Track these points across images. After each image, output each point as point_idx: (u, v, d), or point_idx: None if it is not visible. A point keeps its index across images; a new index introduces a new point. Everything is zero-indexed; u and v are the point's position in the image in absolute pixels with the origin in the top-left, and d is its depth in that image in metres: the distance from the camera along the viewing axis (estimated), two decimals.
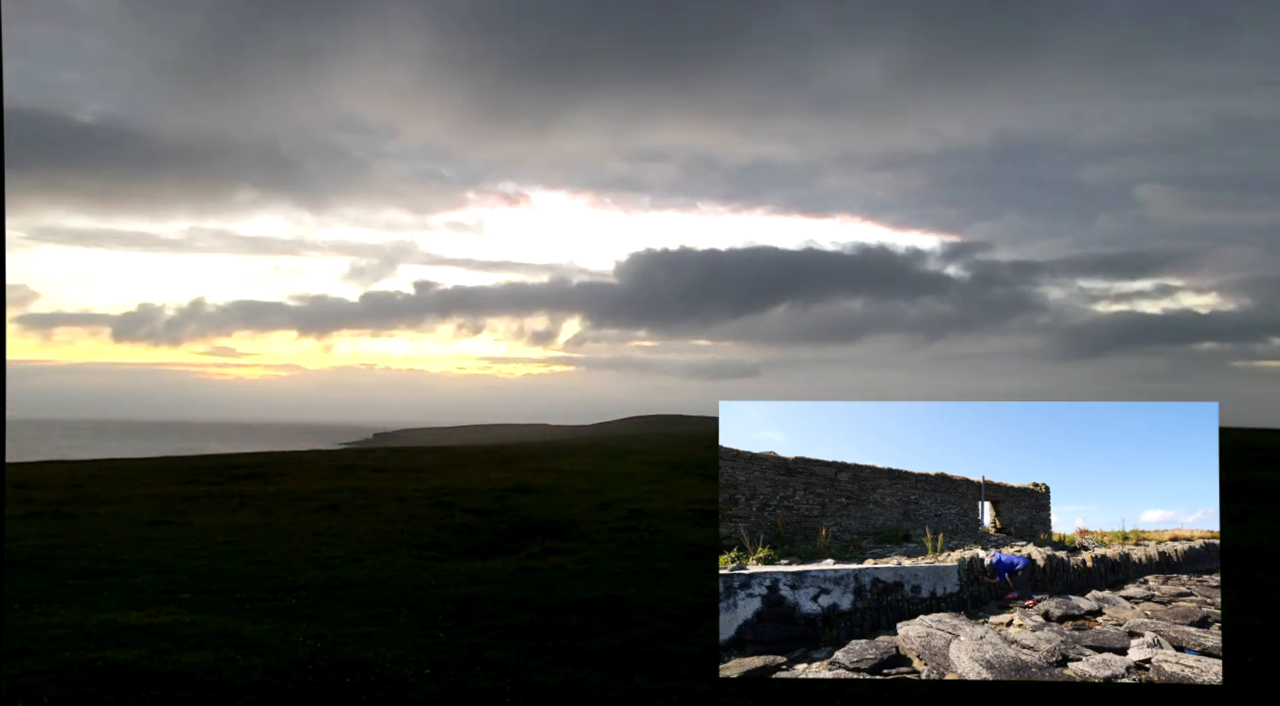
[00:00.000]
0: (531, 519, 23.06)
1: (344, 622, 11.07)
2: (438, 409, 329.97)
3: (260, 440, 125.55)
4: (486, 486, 31.04)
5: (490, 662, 9.27)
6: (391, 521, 21.73)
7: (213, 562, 15.30)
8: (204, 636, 9.92)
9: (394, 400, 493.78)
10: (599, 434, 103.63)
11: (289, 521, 21.29)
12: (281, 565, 15.29)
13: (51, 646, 9.30)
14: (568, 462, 44.41)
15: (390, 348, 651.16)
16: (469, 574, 14.85)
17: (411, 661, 9.23)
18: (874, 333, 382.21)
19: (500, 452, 53.65)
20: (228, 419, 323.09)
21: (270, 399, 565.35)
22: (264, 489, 29.53)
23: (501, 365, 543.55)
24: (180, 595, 12.55)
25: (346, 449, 73.44)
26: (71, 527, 19.12)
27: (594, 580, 14.28)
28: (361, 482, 32.39)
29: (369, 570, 15.05)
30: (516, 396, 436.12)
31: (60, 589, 12.71)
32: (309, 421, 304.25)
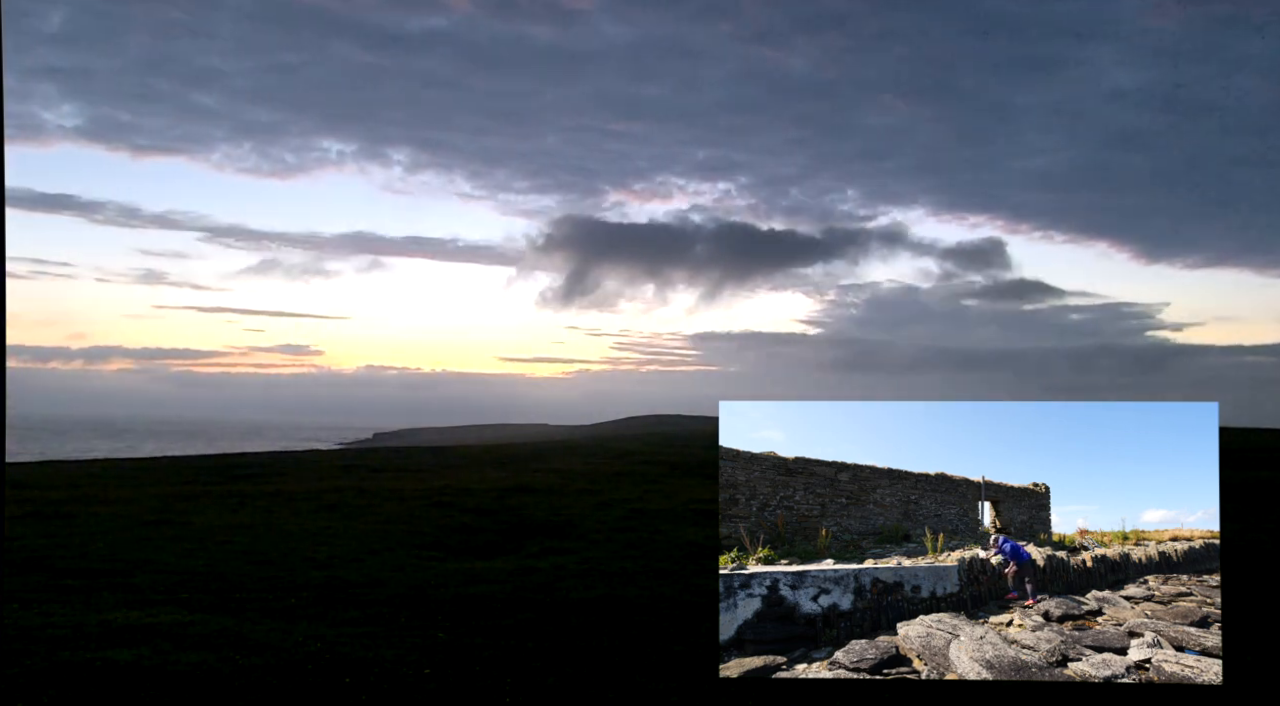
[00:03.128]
0: (531, 519, 23.07)
1: (344, 622, 11.07)
2: (438, 409, 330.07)
3: (260, 440, 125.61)
4: (486, 486, 31.05)
5: (490, 662, 9.27)
6: (391, 521, 21.73)
7: (213, 562, 15.30)
8: (204, 636, 9.92)
9: (394, 400, 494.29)
10: (599, 434, 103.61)
11: (289, 521, 21.30)
12: (281, 565, 15.28)
13: (51, 646, 9.30)
14: (568, 462, 44.42)
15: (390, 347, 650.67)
16: (469, 574, 14.85)
17: (411, 661, 9.23)
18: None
19: (500, 452, 53.65)
20: (227, 419, 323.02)
21: (271, 399, 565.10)
22: (264, 489, 29.54)
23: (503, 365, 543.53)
24: (180, 595, 12.55)
25: (346, 449, 73.40)
26: (71, 527, 19.13)
27: (594, 580, 14.28)
28: (361, 482, 32.40)
29: (369, 570, 15.05)
30: (517, 396, 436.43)
31: (60, 589, 12.71)
32: (309, 421, 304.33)
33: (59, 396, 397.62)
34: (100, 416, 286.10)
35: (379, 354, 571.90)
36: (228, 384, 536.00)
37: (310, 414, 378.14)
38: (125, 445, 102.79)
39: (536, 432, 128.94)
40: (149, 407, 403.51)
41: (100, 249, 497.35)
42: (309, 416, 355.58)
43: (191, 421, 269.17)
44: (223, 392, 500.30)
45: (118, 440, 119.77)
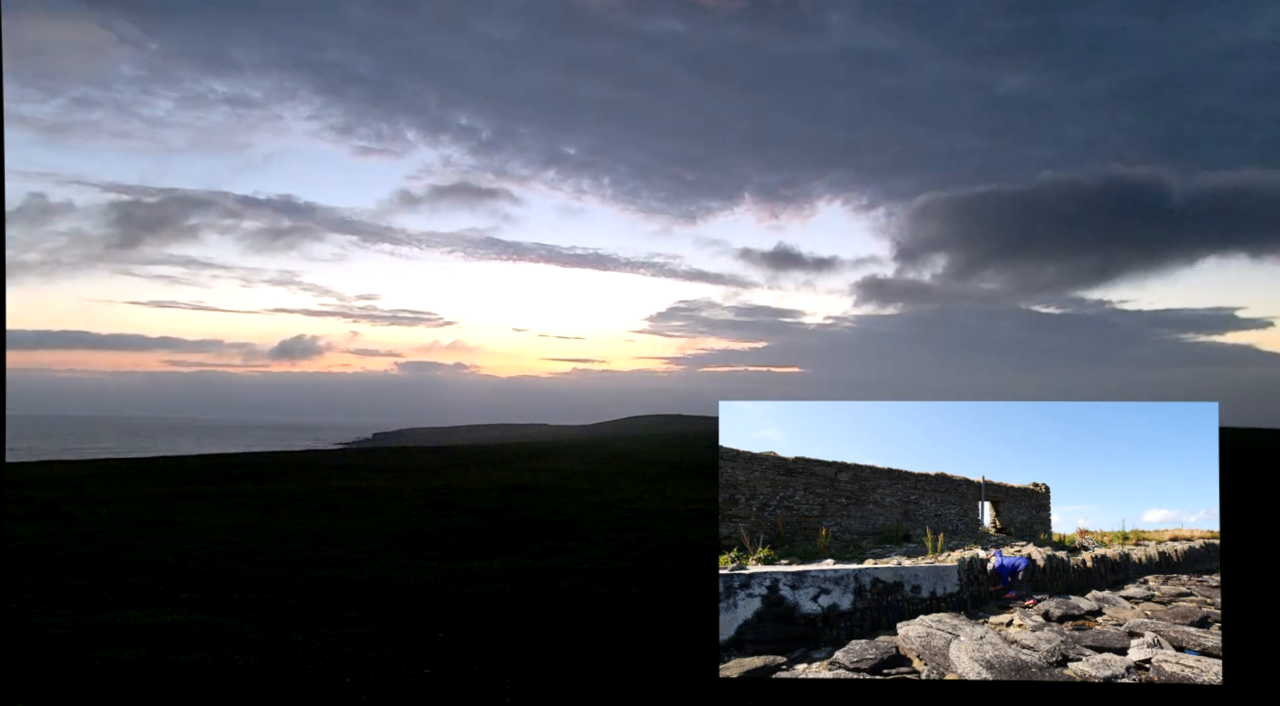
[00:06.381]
0: (531, 519, 23.07)
1: (344, 622, 11.07)
2: (438, 409, 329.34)
3: (259, 440, 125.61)
4: (486, 486, 31.05)
5: (490, 662, 9.28)
6: (391, 521, 21.73)
7: (212, 562, 15.30)
8: (204, 636, 9.92)
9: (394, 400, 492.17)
10: (599, 434, 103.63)
11: (288, 521, 21.29)
12: (281, 565, 15.28)
13: (51, 646, 9.30)
14: (568, 463, 44.42)
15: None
16: (469, 574, 14.85)
17: (411, 661, 9.23)
18: None
19: (500, 452, 53.65)
20: (227, 418, 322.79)
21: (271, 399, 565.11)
22: (263, 489, 29.53)
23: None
24: (180, 595, 12.54)
25: (346, 449, 73.41)
26: (71, 527, 19.12)
27: (594, 580, 14.28)
28: (361, 482, 32.40)
29: (369, 570, 15.05)
30: (517, 396, 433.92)
31: (60, 589, 12.70)
32: (308, 421, 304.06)
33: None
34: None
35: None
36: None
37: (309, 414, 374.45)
38: (124, 445, 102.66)
39: (536, 433, 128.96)
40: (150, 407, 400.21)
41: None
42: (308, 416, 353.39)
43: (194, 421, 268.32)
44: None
45: (120, 440, 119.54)
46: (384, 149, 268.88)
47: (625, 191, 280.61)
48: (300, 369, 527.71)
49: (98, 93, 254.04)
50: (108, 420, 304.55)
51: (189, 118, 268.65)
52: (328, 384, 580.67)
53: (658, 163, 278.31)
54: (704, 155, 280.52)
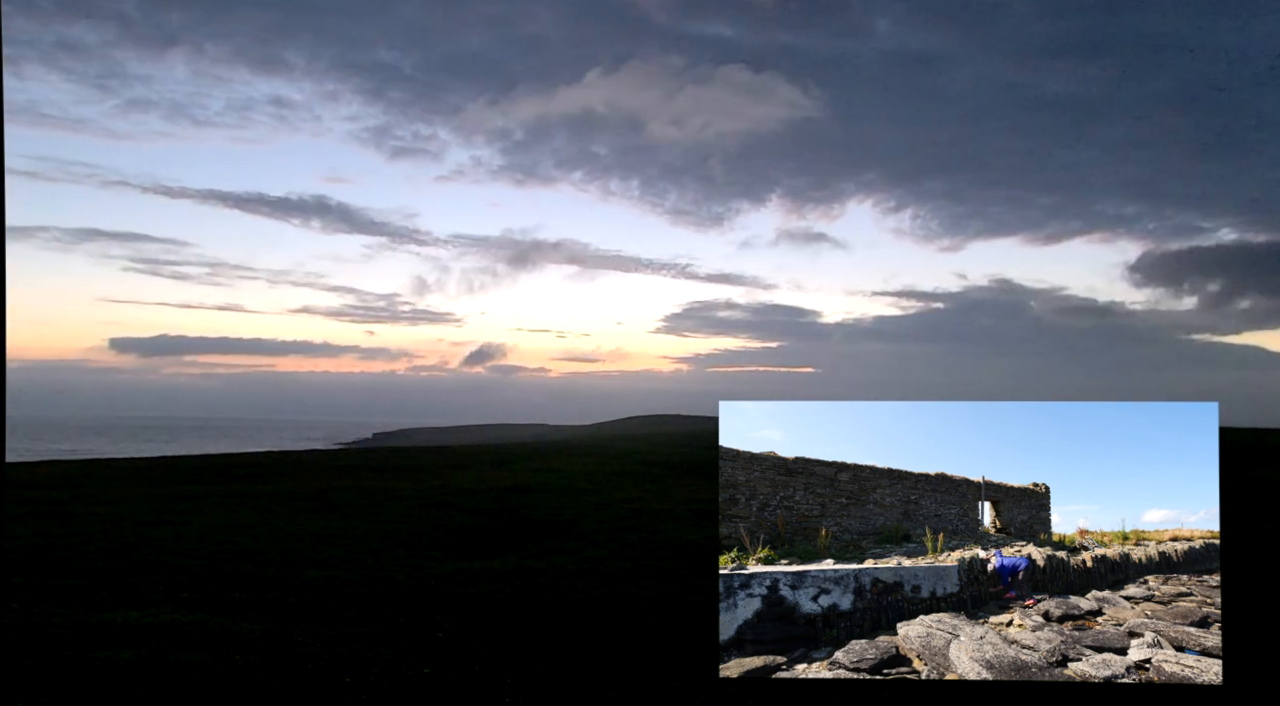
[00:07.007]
0: (531, 519, 23.07)
1: (344, 622, 11.07)
2: (438, 409, 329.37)
3: (259, 440, 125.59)
4: (486, 486, 31.04)
5: (490, 662, 9.27)
6: (390, 521, 21.72)
7: (212, 562, 15.29)
8: (204, 636, 9.92)
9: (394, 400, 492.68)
10: (599, 434, 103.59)
11: (288, 521, 21.29)
12: (281, 565, 15.28)
13: (51, 646, 9.30)
14: (568, 463, 44.41)
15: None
16: (469, 574, 14.85)
17: (411, 661, 9.23)
18: None
19: (500, 452, 53.64)
20: (225, 419, 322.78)
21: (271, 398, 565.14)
22: (263, 489, 29.53)
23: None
24: (180, 595, 12.54)
25: (346, 449, 73.39)
26: (71, 527, 19.12)
27: (594, 580, 14.27)
28: (361, 482, 32.40)
29: (368, 570, 15.05)
30: (516, 396, 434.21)
31: (60, 589, 12.70)
32: (308, 421, 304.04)
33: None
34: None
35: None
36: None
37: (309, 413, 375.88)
38: (124, 445, 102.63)
39: (536, 432, 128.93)
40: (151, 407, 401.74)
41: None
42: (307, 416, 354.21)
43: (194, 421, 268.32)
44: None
45: (119, 440, 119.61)
46: (420, 149, 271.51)
47: (654, 192, 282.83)
48: (321, 368, 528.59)
49: (150, 91, 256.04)
50: (123, 420, 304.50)
51: (233, 119, 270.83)
52: (341, 385, 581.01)
53: (688, 164, 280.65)
54: (738, 155, 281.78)
